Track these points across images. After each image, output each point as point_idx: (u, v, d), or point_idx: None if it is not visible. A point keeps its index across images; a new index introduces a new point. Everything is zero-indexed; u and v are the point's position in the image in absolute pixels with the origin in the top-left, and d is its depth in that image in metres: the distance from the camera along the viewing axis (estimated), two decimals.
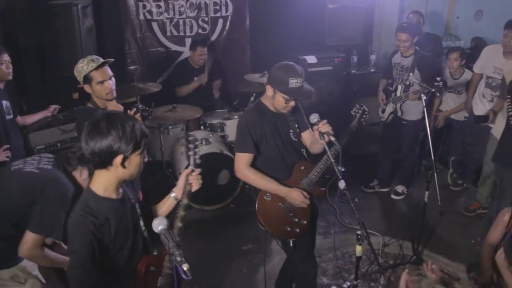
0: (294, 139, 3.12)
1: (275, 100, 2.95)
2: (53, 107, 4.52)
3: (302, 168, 3.09)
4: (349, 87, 5.97)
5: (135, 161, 2.05)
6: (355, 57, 6.04)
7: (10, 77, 3.87)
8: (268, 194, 3.03)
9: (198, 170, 2.43)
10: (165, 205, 2.50)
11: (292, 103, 2.95)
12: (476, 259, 3.73)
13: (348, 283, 3.83)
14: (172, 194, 2.44)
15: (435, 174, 4.00)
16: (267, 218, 3.03)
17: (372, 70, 6.07)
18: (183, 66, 5.76)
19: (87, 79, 3.22)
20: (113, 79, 3.31)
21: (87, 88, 3.28)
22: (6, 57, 3.79)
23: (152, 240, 2.30)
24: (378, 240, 4.42)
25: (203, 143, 4.81)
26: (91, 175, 2.21)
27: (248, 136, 2.96)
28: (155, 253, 2.33)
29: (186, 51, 5.99)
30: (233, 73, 6.26)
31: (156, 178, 5.25)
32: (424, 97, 4.04)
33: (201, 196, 4.75)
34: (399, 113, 5.00)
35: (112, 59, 3.37)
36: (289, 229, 3.05)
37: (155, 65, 6.02)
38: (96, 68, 3.20)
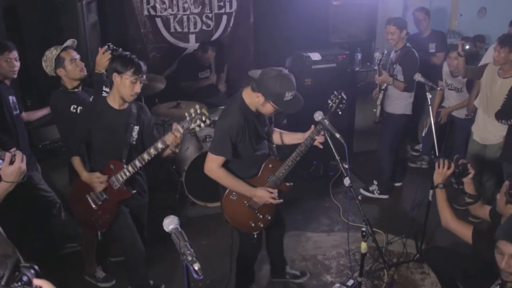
0: (266, 136, 3.22)
1: (264, 107, 2.94)
2: None
3: (270, 166, 3.16)
4: (353, 84, 5.96)
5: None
6: (359, 54, 6.02)
7: (15, 75, 3.83)
8: (234, 193, 3.14)
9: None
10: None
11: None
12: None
13: (352, 281, 3.83)
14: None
15: None
16: (232, 215, 3.21)
17: (376, 67, 6.06)
18: (188, 61, 5.76)
19: (59, 61, 3.43)
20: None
21: (60, 71, 3.47)
22: (12, 55, 3.76)
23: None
24: (382, 238, 4.43)
25: (207, 139, 4.81)
26: None
27: (228, 140, 2.93)
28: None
29: (190, 47, 6.00)
30: (238, 69, 6.26)
31: (160, 174, 5.26)
32: (429, 96, 4.03)
33: (205, 193, 4.76)
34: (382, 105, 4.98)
35: (76, 41, 3.61)
36: (253, 224, 3.23)
37: (159, 61, 6.03)
38: (64, 50, 3.45)
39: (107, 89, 3.33)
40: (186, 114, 2.88)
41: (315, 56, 5.62)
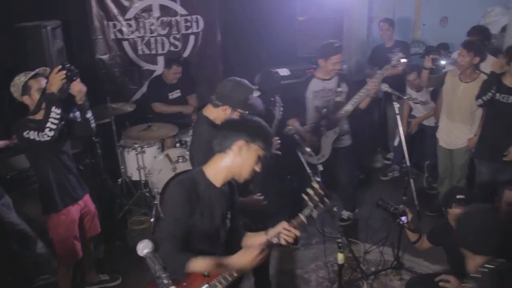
0: None
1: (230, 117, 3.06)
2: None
3: None
4: None
5: None
6: None
7: None
8: None
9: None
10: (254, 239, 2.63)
11: None
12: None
13: None
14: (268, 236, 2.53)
15: (411, 180, 4.07)
16: None
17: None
18: (156, 83, 5.73)
19: (26, 88, 3.26)
20: None
21: (26, 99, 3.30)
22: None
23: None
24: (359, 248, 4.45)
25: (180, 160, 4.78)
26: None
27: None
28: None
29: (158, 69, 5.99)
30: (207, 88, 6.26)
31: (133, 198, 5.20)
32: (396, 105, 4.10)
33: None
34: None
35: (48, 69, 3.39)
36: None
37: (127, 85, 5.99)
38: (34, 77, 3.28)
39: (58, 110, 3.12)
40: (305, 197, 2.41)
41: (284, 71, 5.67)
